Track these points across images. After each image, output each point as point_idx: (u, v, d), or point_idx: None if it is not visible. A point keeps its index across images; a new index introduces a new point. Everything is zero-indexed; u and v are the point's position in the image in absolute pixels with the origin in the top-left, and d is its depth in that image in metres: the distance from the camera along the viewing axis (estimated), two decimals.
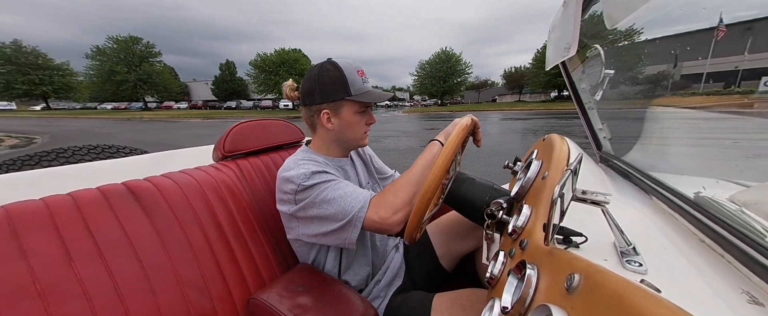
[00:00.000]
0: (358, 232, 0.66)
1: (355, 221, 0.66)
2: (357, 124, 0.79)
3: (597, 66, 1.00)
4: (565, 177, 0.38)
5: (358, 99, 0.74)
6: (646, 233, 0.49)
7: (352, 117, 0.77)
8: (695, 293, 0.35)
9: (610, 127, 1.10)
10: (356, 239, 0.67)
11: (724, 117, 0.80)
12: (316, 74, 0.75)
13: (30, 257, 0.55)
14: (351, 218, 0.65)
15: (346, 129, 0.79)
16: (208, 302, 0.70)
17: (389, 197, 0.67)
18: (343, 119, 0.77)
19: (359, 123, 0.79)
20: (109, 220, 0.65)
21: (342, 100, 0.75)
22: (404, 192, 0.68)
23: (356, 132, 0.80)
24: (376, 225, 0.66)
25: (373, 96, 0.77)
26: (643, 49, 1.01)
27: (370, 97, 0.76)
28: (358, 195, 0.68)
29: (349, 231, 0.67)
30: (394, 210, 0.65)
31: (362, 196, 0.68)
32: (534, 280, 0.35)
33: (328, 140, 0.82)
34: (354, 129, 0.79)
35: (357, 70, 0.76)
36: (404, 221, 0.66)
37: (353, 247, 0.69)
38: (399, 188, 0.69)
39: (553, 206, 0.35)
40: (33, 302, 0.52)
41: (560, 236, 0.44)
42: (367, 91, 0.77)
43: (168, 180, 0.79)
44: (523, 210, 0.50)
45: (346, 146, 0.85)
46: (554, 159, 0.65)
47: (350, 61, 0.76)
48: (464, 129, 0.65)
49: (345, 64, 0.75)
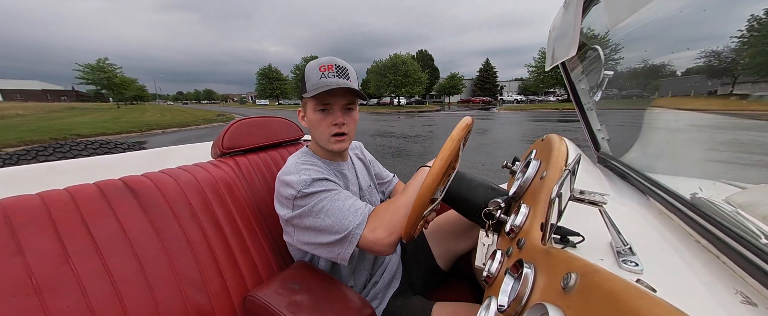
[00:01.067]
0: (352, 249, 0.64)
1: (351, 238, 0.64)
2: (318, 123, 0.74)
3: (596, 67, 1.00)
4: (563, 177, 0.38)
5: (307, 95, 0.71)
6: (643, 234, 0.50)
7: (312, 115, 0.74)
8: (690, 293, 0.35)
9: (608, 128, 1.11)
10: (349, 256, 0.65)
11: (727, 119, 0.81)
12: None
13: (26, 252, 0.55)
14: (347, 233, 0.64)
15: (312, 128, 0.77)
16: (205, 299, 0.69)
17: (386, 216, 0.65)
18: (308, 118, 0.77)
19: (320, 122, 0.74)
20: (107, 216, 0.65)
21: (302, 98, 0.77)
22: (402, 212, 0.65)
23: (319, 132, 0.76)
24: (369, 246, 0.64)
25: (319, 90, 0.69)
26: (643, 49, 1.01)
27: (315, 92, 0.69)
28: (357, 210, 0.66)
29: (344, 247, 0.64)
30: (390, 231, 0.63)
31: (360, 211, 0.66)
32: (530, 279, 0.35)
33: (315, 140, 0.81)
34: (316, 128, 0.76)
35: (321, 66, 0.71)
36: (397, 243, 0.65)
37: (345, 263, 0.66)
38: (397, 206, 0.66)
39: (550, 206, 0.35)
40: (28, 298, 0.52)
41: (557, 236, 0.44)
42: (321, 86, 0.70)
43: (166, 176, 0.79)
44: (521, 209, 0.51)
45: (321, 147, 0.80)
46: (553, 159, 0.65)
47: (325, 58, 0.72)
48: (465, 128, 0.65)
49: (314, 61, 0.73)
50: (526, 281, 0.35)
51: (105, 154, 1.35)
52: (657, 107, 1.05)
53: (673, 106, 1.00)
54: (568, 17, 0.84)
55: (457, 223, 0.95)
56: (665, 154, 0.96)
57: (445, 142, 0.61)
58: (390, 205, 0.68)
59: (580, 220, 0.49)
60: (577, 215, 0.50)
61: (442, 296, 0.95)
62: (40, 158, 1.27)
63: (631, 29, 0.85)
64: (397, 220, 0.64)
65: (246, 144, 1.00)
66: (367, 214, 0.66)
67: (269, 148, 1.08)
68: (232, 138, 0.97)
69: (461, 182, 0.69)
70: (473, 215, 0.67)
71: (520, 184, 0.62)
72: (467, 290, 0.99)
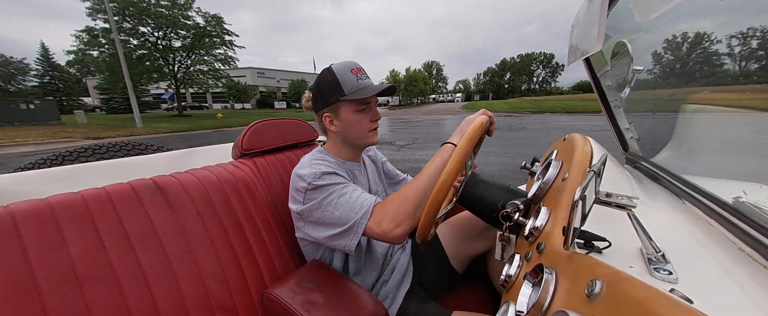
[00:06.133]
0: (358, 239, 0.66)
1: (355, 228, 0.66)
2: (358, 122, 0.78)
3: (624, 61, 0.94)
4: (587, 179, 0.36)
5: (351, 97, 0.74)
6: (677, 240, 0.46)
7: (352, 116, 0.77)
8: (732, 306, 0.32)
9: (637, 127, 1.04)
10: (356, 246, 0.67)
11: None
12: (316, 82, 0.80)
13: (70, 245, 0.60)
14: (352, 224, 0.65)
15: (349, 129, 0.79)
16: (226, 294, 0.72)
17: (392, 207, 0.65)
18: (343, 120, 0.78)
19: (361, 121, 0.78)
20: (139, 213, 0.69)
21: (337, 101, 0.76)
22: (409, 203, 0.65)
23: (359, 130, 0.79)
24: (378, 236, 0.65)
25: (367, 91, 0.75)
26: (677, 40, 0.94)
27: (364, 94, 0.74)
28: (363, 202, 0.67)
29: (349, 238, 0.67)
30: (397, 223, 0.63)
31: (366, 202, 0.67)
32: (551, 285, 0.34)
33: (338, 142, 0.84)
34: (356, 128, 0.79)
35: (351, 69, 0.75)
36: (407, 234, 0.64)
37: (352, 252, 0.68)
38: (404, 197, 0.66)
39: (573, 209, 0.34)
40: (72, 287, 0.57)
41: (581, 240, 0.42)
42: (362, 87, 0.75)
43: (191, 176, 0.83)
44: (541, 212, 0.49)
45: (354, 146, 0.84)
46: (575, 160, 0.62)
47: (346, 62, 0.76)
48: (479, 127, 0.63)
49: (339, 65, 0.76)
50: (546, 286, 0.33)
51: (137, 154, 1.44)
52: (694, 103, 0.97)
53: (713, 102, 0.92)
54: (593, 10, 0.80)
55: (472, 224, 0.93)
56: (704, 154, 0.89)
57: (470, 126, 0.60)
58: (398, 194, 0.67)
59: (606, 224, 0.46)
60: (604, 219, 0.47)
61: (456, 301, 0.93)
62: (81, 158, 1.37)
63: (664, 20, 0.80)
64: (404, 210, 0.64)
65: (264, 145, 1.04)
66: (371, 205, 0.67)
67: (285, 149, 1.11)
68: (251, 140, 1.01)
69: (477, 183, 0.67)
70: (489, 217, 0.65)
71: (540, 185, 0.60)
72: (482, 293, 0.96)
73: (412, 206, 0.64)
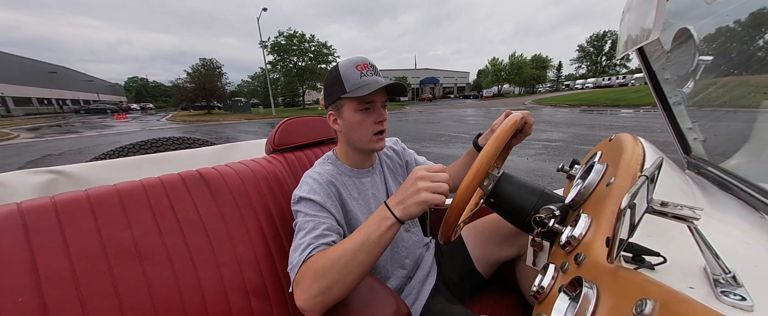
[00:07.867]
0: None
1: (291, 270, 0.59)
2: (359, 123, 0.72)
3: (687, 51, 0.82)
4: (638, 184, 0.32)
5: (351, 94, 0.68)
6: (753, 260, 0.39)
7: (352, 116, 0.71)
8: None
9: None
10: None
11: None
12: (325, 79, 0.76)
13: (133, 227, 0.69)
14: (293, 264, 0.59)
15: (351, 130, 0.74)
16: (260, 280, 0.78)
17: (309, 275, 0.54)
18: (345, 120, 0.73)
19: (362, 122, 0.71)
20: (187, 201, 0.77)
21: (339, 99, 0.71)
22: (326, 278, 0.52)
23: (362, 133, 0.73)
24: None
25: (367, 88, 0.67)
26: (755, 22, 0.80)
27: (363, 91, 0.67)
28: (304, 250, 0.59)
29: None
30: (309, 295, 0.52)
31: (305, 253, 0.58)
32: (592, 301, 0.30)
33: (344, 144, 0.79)
34: (357, 129, 0.73)
35: (356, 65, 0.69)
36: (315, 311, 0.54)
37: None
38: (340, 254, 0.53)
39: (620, 218, 0.30)
40: (134, 263, 0.66)
41: (629, 254, 0.37)
42: (363, 84, 0.68)
43: (230, 170, 0.90)
44: (581, 220, 0.44)
45: (359, 149, 0.78)
46: (623, 163, 0.55)
47: (355, 58, 0.71)
48: (510, 129, 0.59)
49: (346, 61, 0.71)
50: (586, 302, 0.30)
51: (187, 148, 1.60)
52: None
53: None
54: None
55: (501, 227, 0.87)
56: None
57: (496, 132, 0.57)
58: (323, 255, 0.55)
59: (661, 238, 0.41)
60: (657, 232, 0.42)
61: (482, 306, 0.90)
62: (141, 151, 1.56)
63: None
64: (319, 282, 0.52)
65: (293, 142, 1.09)
66: (302, 260, 0.57)
67: (313, 145, 1.16)
68: (282, 136, 1.07)
69: (509, 184, 0.63)
70: (520, 222, 0.61)
71: (580, 190, 0.54)
72: (510, 302, 0.91)
73: (328, 282, 0.52)
